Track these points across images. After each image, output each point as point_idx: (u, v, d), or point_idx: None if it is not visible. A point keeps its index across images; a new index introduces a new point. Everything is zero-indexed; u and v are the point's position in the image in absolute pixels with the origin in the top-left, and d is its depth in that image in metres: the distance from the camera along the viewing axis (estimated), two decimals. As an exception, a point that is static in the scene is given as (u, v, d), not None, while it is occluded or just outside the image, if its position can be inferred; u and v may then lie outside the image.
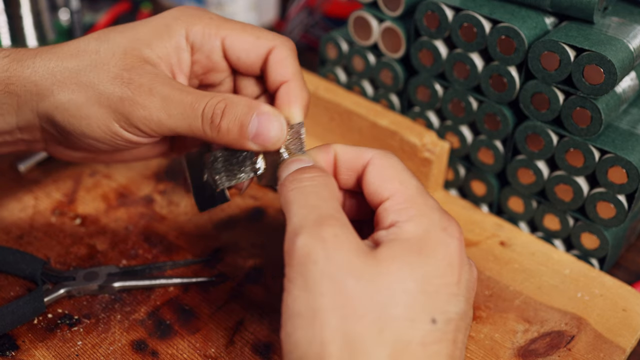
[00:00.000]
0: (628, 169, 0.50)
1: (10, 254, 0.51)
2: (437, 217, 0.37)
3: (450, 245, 0.36)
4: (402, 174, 0.38)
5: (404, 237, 0.36)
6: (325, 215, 0.35)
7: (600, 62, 0.48)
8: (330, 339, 0.33)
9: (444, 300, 0.35)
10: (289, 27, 0.88)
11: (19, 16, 0.71)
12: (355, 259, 0.34)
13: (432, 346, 0.33)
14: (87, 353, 0.46)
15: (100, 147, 0.46)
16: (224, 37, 0.46)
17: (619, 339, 0.48)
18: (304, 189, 0.37)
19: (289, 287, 0.34)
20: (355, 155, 0.40)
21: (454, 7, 0.55)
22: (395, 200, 0.37)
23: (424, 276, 0.34)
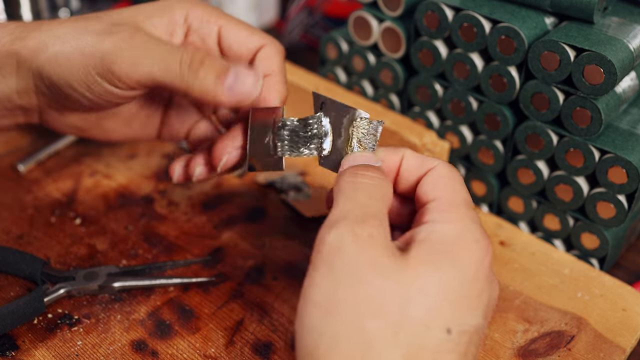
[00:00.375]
0: (628, 169, 0.50)
1: (10, 254, 0.51)
2: (473, 228, 0.36)
3: (479, 257, 0.35)
4: (455, 185, 0.39)
5: (437, 236, 0.36)
6: (368, 215, 0.36)
7: (600, 62, 0.48)
8: (344, 333, 0.33)
9: (462, 311, 0.34)
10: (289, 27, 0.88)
11: (19, 16, 0.71)
12: (384, 259, 0.34)
13: (443, 355, 0.33)
14: (87, 353, 0.46)
15: (80, 100, 0.47)
16: (221, 26, 0.48)
17: (619, 338, 0.48)
18: (359, 185, 0.37)
19: (312, 275, 0.34)
20: (420, 162, 0.41)
21: (454, 7, 0.55)
22: (440, 202, 0.38)
23: (448, 283, 0.34)
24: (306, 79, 0.66)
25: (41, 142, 0.64)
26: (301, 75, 0.67)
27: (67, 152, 0.64)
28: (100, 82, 0.45)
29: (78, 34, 0.46)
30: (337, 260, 0.34)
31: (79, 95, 0.47)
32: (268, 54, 0.48)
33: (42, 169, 0.62)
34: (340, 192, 0.37)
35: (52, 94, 0.48)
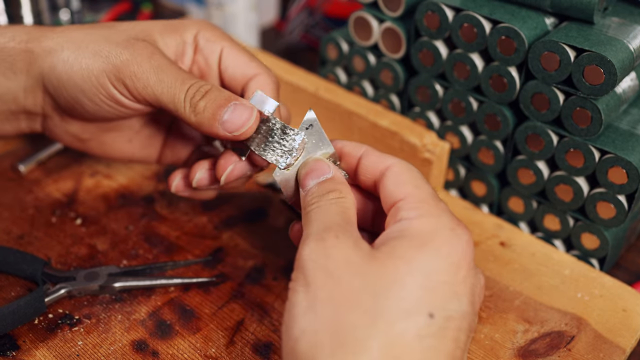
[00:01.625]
0: (628, 169, 0.50)
1: (11, 254, 0.51)
2: (446, 218, 0.37)
3: (456, 245, 0.36)
4: (417, 180, 0.40)
5: (409, 233, 0.37)
6: (331, 224, 0.38)
7: (601, 62, 0.48)
8: (323, 328, 0.34)
9: (444, 297, 0.35)
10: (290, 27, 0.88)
11: (20, 16, 0.71)
12: (354, 256, 0.36)
13: (428, 340, 0.34)
14: (88, 353, 0.46)
15: (83, 104, 0.48)
16: (223, 47, 0.50)
17: (618, 339, 0.48)
18: (319, 207, 0.40)
19: (291, 286, 0.36)
20: (377, 160, 0.42)
21: (454, 7, 0.55)
22: (408, 200, 0.39)
23: (423, 271, 0.35)
24: (306, 79, 0.66)
25: (42, 143, 0.64)
26: (301, 76, 0.67)
27: (67, 153, 0.64)
28: (110, 88, 0.47)
29: (96, 40, 0.47)
30: (310, 266, 0.36)
31: (86, 98, 0.48)
32: (262, 83, 0.49)
33: (42, 169, 0.62)
34: (308, 217, 0.40)
35: (59, 95, 0.49)
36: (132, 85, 0.46)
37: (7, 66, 0.48)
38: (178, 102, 0.45)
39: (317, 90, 0.65)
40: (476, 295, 0.37)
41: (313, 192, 0.41)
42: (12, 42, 0.48)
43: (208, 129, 0.45)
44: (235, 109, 0.44)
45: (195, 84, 0.46)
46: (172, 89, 0.46)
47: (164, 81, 0.46)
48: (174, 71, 0.46)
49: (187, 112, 0.45)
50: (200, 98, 0.45)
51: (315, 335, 0.34)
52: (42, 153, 0.63)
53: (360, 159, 0.43)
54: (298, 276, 0.36)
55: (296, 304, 0.35)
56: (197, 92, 0.45)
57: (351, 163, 0.43)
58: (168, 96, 0.46)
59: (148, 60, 0.46)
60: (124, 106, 0.48)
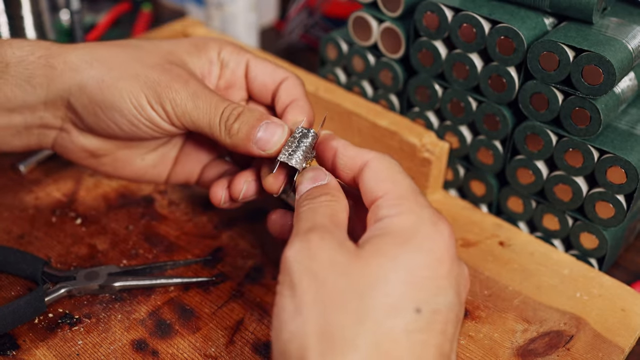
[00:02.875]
0: (627, 169, 0.50)
1: (11, 254, 0.51)
2: (426, 213, 0.38)
3: (438, 240, 0.37)
4: (396, 175, 0.40)
5: (390, 230, 0.37)
6: (317, 225, 0.38)
7: (599, 62, 0.48)
8: (311, 330, 0.34)
9: (430, 291, 0.35)
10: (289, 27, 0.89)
11: (20, 16, 0.71)
12: (338, 256, 0.36)
13: (417, 334, 0.34)
14: (88, 352, 0.46)
15: (120, 124, 0.49)
16: (248, 59, 0.53)
17: (617, 338, 0.49)
18: (309, 209, 0.40)
19: (278, 289, 0.37)
20: (355, 155, 0.43)
21: (454, 7, 0.55)
22: (387, 197, 0.39)
23: (406, 267, 0.35)
24: (306, 79, 0.66)
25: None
26: (301, 76, 0.67)
27: (67, 152, 0.64)
28: (150, 111, 0.48)
29: (128, 61, 0.48)
30: (295, 268, 0.36)
31: (124, 119, 0.48)
32: (291, 85, 0.52)
33: (42, 169, 0.62)
34: (296, 217, 0.41)
35: (89, 113, 0.49)
36: (171, 110, 0.48)
37: (24, 79, 0.48)
38: (214, 126, 0.47)
39: (317, 90, 0.65)
40: (461, 285, 0.37)
41: (305, 195, 0.42)
42: (31, 57, 0.48)
43: (243, 149, 0.47)
44: (267, 128, 0.46)
45: (229, 107, 0.48)
46: (207, 115, 0.47)
47: (200, 107, 0.47)
48: (209, 96, 0.48)
49: (223, 135, 0.47)
50: (234, 120, 0.47)
51: (303, 337, 0.34)
52: (42, 153, 0.63)
53: (336, 153, 0.43)
54: (284, 279, 0.36)
55: (284, 307, 0.35)
56: (231, 115, 0.47)
57: (329, 155, 0.44)
58: (204, 121, 0.48)
59: (185, 87, 0.48)
60: (160, 128, 0.49)
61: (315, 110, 0.65)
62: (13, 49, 0.48)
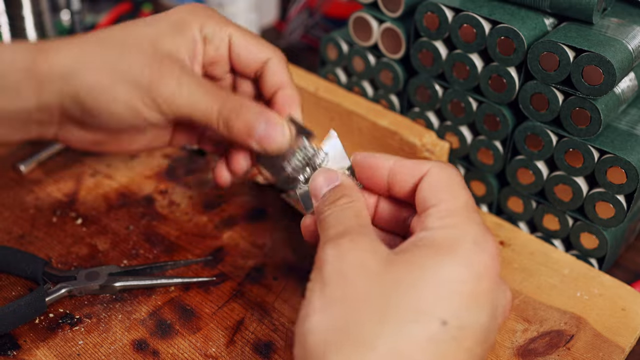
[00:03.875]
0: (627, 169, 0.50)
1: (11, 254, 0.51)
2: (473, 231, 0.37)
3: (478, 258, 0.36)
4: (454, 187, 0.39)
5: (430, 243, 0.36)
6: (347, 228, 0.38)
7: (599, 62, 0.48)
8: (333, 326, 0.34)
9: (459, 306, 0.34)
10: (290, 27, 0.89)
11: (21, 17, 0.71)
12: (369, 260, 0.36)
13: (439, 345, 0.33)
14: (88, 352, 0.46)
15: (118, 125, 0.48)
16: (231, 34, 0.51)
17: (618, 338, 0.49)
18: (333, 214, 0.40)
19: (308, 286, 0.37)
20: (413, 166, 0.42)
21: (454, 8, 0.55)
22: (439, 208, 0.38)
23: (437, 279, 0.34)
24: (306, 79, 0.66)
25: (42, 143, 0.64)
26: (301, 76, 0.67)
27: (68, 152, 0.64)
28: (145, 113, 0.47)
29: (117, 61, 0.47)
30: (326, 267, 0.36)
31: (115, 119, 0.48)
32: (276, 67, 0.51)
33: (43, 169, 0.62)
34: (321, 227, 0.40)
35: (83, 115, 0.48)
36: (166, 108, 0.47)
37: (12, 94, 0.46)
38: (212, 122, 0.47)
39: (317, 90, 0.65)
40: (499, 309, 0.36)
41: (325, 199, 0.42)
42: (12, 67, 0.46)
43: (243, 144, 0.47)
44: (268, 127, 0.47)
45: (226, 103, 0.47)
46: (204, 110, 0.47)
47: (196, 103, 0.47)
48: (203, 89, 0.47)
49: (221, 129, 0.47)
50: (234, 117, 0.47)
51: (325, 332, 0.34)
52: (42, 153, 0.63)
53: (392, 168, 0.42)
54: (315, 276, 0.37)
55: (311, 302, 0.36)
56: (231, 112, 0.47)
57: (381, 175, 0.43)
58: (201, 116, 0.47)
59: (178, 81, 0.47)
60: (158, 123, 0.49)
61: (315, 110, 0.66)
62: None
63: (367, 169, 0.44)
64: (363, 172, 0.44)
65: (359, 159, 0.44)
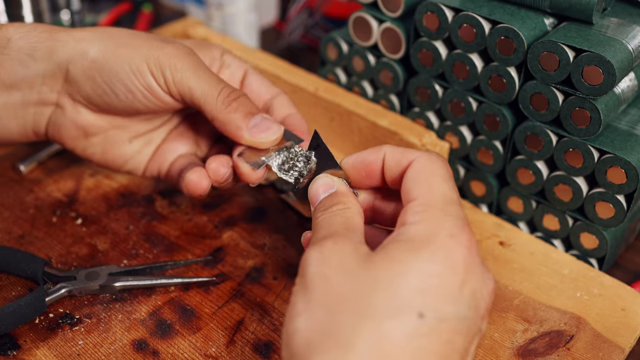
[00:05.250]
0: (627, 169, 0.50)
1: (11, 254, 0.51)
2: (448, 224, 0.37)
3: (454, 250, 0.36)
4: (434, 179, 0.40)
5: (406, 237, 0.37)
6: (332, 232, 0.39)
7: (599, 62, 0.48)
8: (315, 327, 0.35)
9: (438, 299, 0.35)
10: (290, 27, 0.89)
11: (21, 17, 0.72)
12: (349, 259, 0.36)
13: (417, 340, 0.34)
14: (88, 352, 0.46)
15: (117, 91, 0.50)
16: (247, 68, 0.55)
17: (618, 338, 0.49)
18: (323, 219, 0.41)
19: (294, 289, 0.38)
20: (401, 156, 0.42)
21: (454, 8, 0.55)
22: (416, 202, 0.39)
23: (414, 273, 0.35)
24: (306, 79, 0.66)
25: (42, 143, 0.64)
26: (301, 76, 0.67)
27: (68, 153, 0.64)
28: (148, 76, 0.49)
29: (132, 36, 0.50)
30: (308, 270, 0.37)
31: (121, 84, 0.49)
32: (284, 101, 0.54)
33: (43, 169, 0.62)
34: (313, 228, 0.42)
35: (86, 80, 0.50)
36: (170, 76, 0.49)
37: (27, 52, 0.49)
38: (210, 97, 0.49)
39: (317, 91, 0.65)
40: (480, 299, 0.37)
41: (319, 207, 0.43)
42: (34, 32, 0.50)
43: (234, 129, 0.49)
44: (263, 120, 0.49)
45: (228, 86, 0.50)
46: (207, 85, 0.49)
47: (201, 77, 0.49)
48: (209, 72, 0.50)
49: (218, 108, 0.49)
50: (233, 99, 0.49)
51: (308, 333, 0.35)
52: (42, 153, 0.63)
53: (384, 158, 0.43)
54: (300, 280, 0.37)
55: (294, 304, 0.36)
56: (232, 93, 0.49)
57: (376, 168, 0.43)
58: (202, 91, 0.49)
59: (187, 56, 0.50)
60: (157, 97, 0.50)
61: (316, 111, 0.66)
62: (15, 27, 0.50)
63: (361, 169, 0.44)
64: (358, 173, 0.44)
65: (351, 162, 0.44)
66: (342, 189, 0.43)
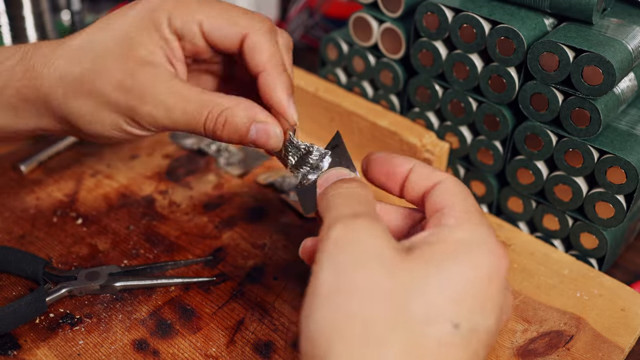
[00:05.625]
0: (627, 169, 0.50)
1: (12, 254, 0.51)
2: (486, 233, 0.37)
3: (491, 260, 0.35)
4: (466, 193, 0.39)
5: (445, 239, 0.36)
6: (360, 212, 0.37)
7: (599, 63, 0.48)
8: (344, 315, 0.33)
9: (472, 309, 0.34)
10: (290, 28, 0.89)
11: (21, 17, 0.72)
12: (385, 248, 0.35)
13: (449, 348, 0.33)
14: (89, 352, 0.46)
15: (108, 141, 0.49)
16: (200, 22, 0.47)
17: (617, 338, 0.49)
18: (342, 194, 0.39)
19: (316, 271, 0.35)
20: (429, 173, 0.41)
21: (454, 8, 0.55)
22: (453, 208, 0.38)
23: (452, 280, 0.34)
24: (306, 79, 0.66)
25: (42, 143, 0.64)
26: (301, 76, 0.67)
27: (68, 153, 0.64)
28: (131, 130, 0.47)
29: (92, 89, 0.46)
30: (340, 251, 0.34)
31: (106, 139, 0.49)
32: (254, 44, 0.46)
33: (43, 169, 0.62)
34: (328, 205, 0.39)
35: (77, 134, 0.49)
36: (147, 125, 0.46)
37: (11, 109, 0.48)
38: (199, 133, 0.46)
39: (317, 91, 0.65)
40: (504, 314, 0.36)
41: (334, 185, 0.41)
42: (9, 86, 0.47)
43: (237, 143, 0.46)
44: (259, 129, 0.45)
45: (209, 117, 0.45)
46: (189, 126, 0.46)
47: (180, 117, 0.45)
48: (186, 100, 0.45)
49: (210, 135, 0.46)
50: (221, 128, 0.45)
51: (335, 321, 0.33)
52: (43, 153, 0.63)
53: (411, 170, 0.42)
54: (323, 258, 0.34)
55: (319, 287, 0.34)
56: (216, 125, 0.45)
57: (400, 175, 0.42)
58: (189, 128, 0.46)
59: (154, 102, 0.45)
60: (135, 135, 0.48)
61: (316, 111, 0.66)
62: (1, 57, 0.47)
63: (385, 169, 0.42)
64: (380, 171, 0.43)
65: (375, 157, 0.43)
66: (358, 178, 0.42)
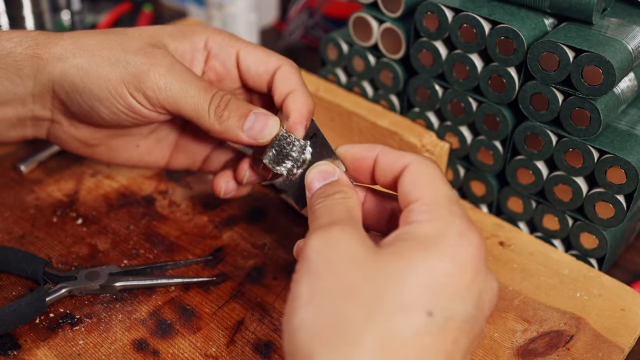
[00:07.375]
0: (627, 169, 0.50)
1: (12, 254, 0.51)
2: (457, 223, 0.37)
3: (463, 249, 0.36)
4: (435, 181, 0.40)
5: (415, 236, 0.36)
6: (337, 219, 0.38)
7: (599, 63, 0.48)
8: (321, 319, 0.34)
9: (446, 297, 0.35)
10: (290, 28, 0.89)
11: (21, 17, 0.72)
12: (358, 250, 0.36)
13: (425, 337, 0.34)
14: (89, 352, 0.46)
15: (100, 112, 0.49)
16: (238, 49, 0.51)
17: (617, 338, 0.49)
18: (324, 205, 0.41)
19: (294, 277, 0.37)
20: (395, 158, 0.42)
21: (454, 8, 0.55)
22: (421, 202, 0.38)
23: (424, 271, 0.35)
24: (306, 79, 0.66)
25: (43, 143, 0.64)
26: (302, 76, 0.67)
27: (68, 153, 0.64)
28: (128, 97, 0.48)
29: (110, 47, 0.48)
30: (314, 257, 0.36)
31: (103, 107, 0.48)
32: (285, 73, 0.50)
33: (43, 169, 0.62)
34: (310, 217, 0.41)
35: (72, 101, 0.49)
36: (152, 95, 0.47)
37: (13, 72, 0.48)
38: (202, 111, 0.48)
39: (317, 91, 0.65)
40: (485, 300, 0.37)
41: (319, 192, 0.42)
42: (19, 48, 0.48)
43: (233, 136, 0.48)
44: (257, 118, 0.47)
45: (217, 94, 0.48)
46: (195, 99, 0.47)
47: (187, 91, 0.47)
48: (196, 80, 0.48)
49: (211, 121, 0.48)
50: (224, 107, 0.48)
51: (313, 325, 0.34)
52: (43, 153, 0.63)
53: (376, 159, 0.43)
54: (301, 267, 0.36)
55: (298, 294, 0.35)
56: (221, 102, 0.48)
57: (366, 165, 0.43)
58: (191, 105, 0.48)
59: (169, 69, 0.47)
60: (141, 115, 0.49)
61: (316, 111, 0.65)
62: (2, 41, 0.48)
63: (352, 160, 0.44)
64: (348, 163, 0.44)
65: (343, 151, 0.44)
66: (343, 178, 0.43)
